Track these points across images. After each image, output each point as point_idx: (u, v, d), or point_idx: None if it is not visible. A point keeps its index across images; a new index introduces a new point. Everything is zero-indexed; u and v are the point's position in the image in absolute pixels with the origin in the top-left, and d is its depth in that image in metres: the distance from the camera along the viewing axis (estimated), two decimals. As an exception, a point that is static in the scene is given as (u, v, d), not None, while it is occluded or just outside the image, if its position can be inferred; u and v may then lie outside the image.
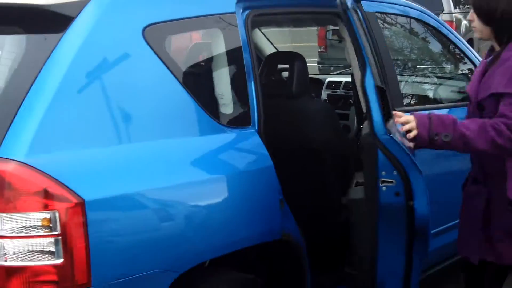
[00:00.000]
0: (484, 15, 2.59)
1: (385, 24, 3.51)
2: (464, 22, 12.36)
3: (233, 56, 2.66)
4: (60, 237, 2.02)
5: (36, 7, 2.28)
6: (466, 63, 3.95)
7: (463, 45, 3.94)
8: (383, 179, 2.60)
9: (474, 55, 4.00)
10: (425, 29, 3.80)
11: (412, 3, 3.77)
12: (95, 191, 2.08)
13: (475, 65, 3.92)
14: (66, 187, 2.03)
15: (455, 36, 3.91)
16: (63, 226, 2.02)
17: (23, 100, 2.10)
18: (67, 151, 2.11)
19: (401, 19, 3.69)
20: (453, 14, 11.58)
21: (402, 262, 2.71)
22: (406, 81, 3.84)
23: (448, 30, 3.87)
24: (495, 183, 2.64)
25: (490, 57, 2.66)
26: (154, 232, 2.21)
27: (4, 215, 2.01)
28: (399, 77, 3.52)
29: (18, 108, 2.09)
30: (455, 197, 2.89)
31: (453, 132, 2.49)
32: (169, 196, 2.27)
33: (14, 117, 2.08)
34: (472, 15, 2.64)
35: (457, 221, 2.88)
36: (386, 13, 3.52)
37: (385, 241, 2.69)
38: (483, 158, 2.67)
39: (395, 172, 2.58)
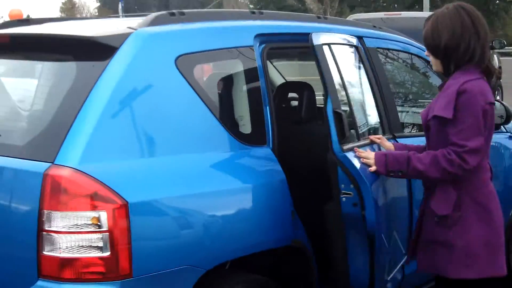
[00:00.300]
0: (432, 49, 2.91)
1: (387, 59, 3.89)
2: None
3: (251, 83, 3.03)
4: (107, 234, 2.36)
5: (86, 38, 2.67)
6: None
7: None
8: (343, 191, 2.94)
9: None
10: (424, 64, 4.18)
11: (411, 40, 4.17)
12: (137, 194, 2.43)
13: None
14: (113, 190, 2.38)
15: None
16: (109, 224, 2.36)
17: (76, 117, 2.47)
18: (113, 161, 2.46)
19: (401, 55, 4.07)
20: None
21: (367, 260, 3.00)
22: (407, 112, 4.20)
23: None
24: (429, 196, 2.95)
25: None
26: (186, 232, 2.56)
27: (59, 213, 2.36)
28: (399, 108, 3.89)
29: (72, 124, 2.45)
30: None
31: (407, 168, 2.84)
32: (199, 202, 2.62)
33: (68, 131, 2.44)
34: (428, 51, 2.98)
35: None
36: (386, 49, 3.90)
37: (352, 244, 3.02)
38: None
39: (351, 185, 2.91)
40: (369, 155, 2.96)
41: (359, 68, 3.56)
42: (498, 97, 14.55)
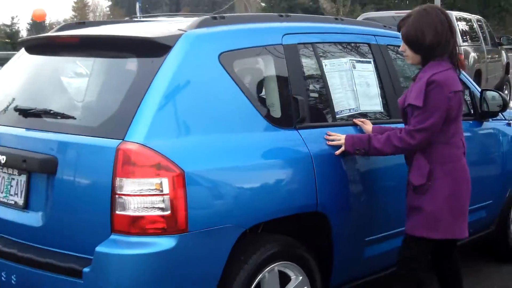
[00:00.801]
0: (415, 46, 3.36)
1: (395, 54, 4.42)
2: (472, 54, 13.18)
3: (280, 75, 3.58)
4: (168, 196, 2.92)
5: (146, 39, 3.23)
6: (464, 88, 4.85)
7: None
8: None
9: (469, 80, 4.91)
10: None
11: None
12: (191, 165, 2.98)
13: (469, 89, 4.84)
14: (172, 161, 2.93)
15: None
16: (170, 189, 2.91)
17: (141, 103, 3.03)
18: (172, 138, 3.02)
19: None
20: (462, 47, 12.38)
21: None
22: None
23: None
24: (408, 169, 3.53)
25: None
26: (230, 196, 3.11)
27: (129, 180, 2.92)
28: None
29: (137, 108, 3.01)
30: None
31: (368, 147, 3.48)
32: (240, 173, 3.18)
33: (135, 114, 3.00)
34: (403, 46, 3.44)
35: None
36: (394, 45, 4.44)
37: None
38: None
39: None
40: (339, 137, 3.57)
41: (363, 62, 4.10)
42: (506, 91, 15.02)
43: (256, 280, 3.23)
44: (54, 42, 3.63)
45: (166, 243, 2.91)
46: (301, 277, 3.46)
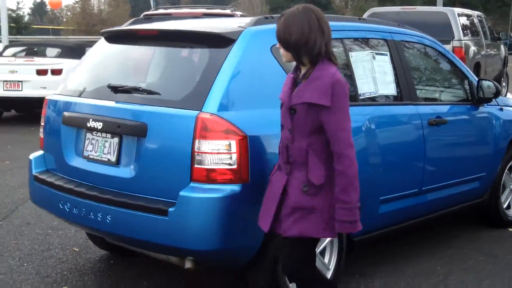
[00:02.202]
0: (284, 44, 3.35)
1: (408, 49, 5.31)
2: (472, 48, 13.97)
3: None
4: (235, 154, 3.81)
5: (217, 33, 4.13)
6: (463, 77, 5.76)
7: (460, 64, 5.76)
8: None
9: (467, 71, 5.81)
10: (436, 53, 5.62)
11: (425, 35, 5.61)
12: (252, 131, 3.87)
13: (468, 79, 5.74)
14: (238, 128, 3.82)
15: (454, 58, 5.75)
16: (236, 148, 3.80)
17: (213, 83, 3.91)
18: (237, 110, 3.91)
19: (418, 46, 5.50)
20: (462, 41, 13.06)
21: None
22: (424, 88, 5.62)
23: (449, 53, 5.71)
24: (295, 170, 3.40)
25: (302, 73, 3.41)
26: (276, 156, 4.00)
27: (205, 141, 3.81)
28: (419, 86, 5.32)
29: (211, 87, 3.90)
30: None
31: (354, 204, 3.33)
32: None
33: (209, 91, 3.89)
34: (279, 44, 3.42)
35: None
36: (407, 41, 5.33)
37: None
38: (292, 150, 3.42)
39: None
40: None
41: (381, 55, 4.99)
42: (504, 83, 15.90)
43: None
44: (136, 34, 4.53)
45: (233, 189, 3.81)
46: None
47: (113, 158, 4.19)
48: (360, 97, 4.69)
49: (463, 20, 13.51)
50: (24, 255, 5.37)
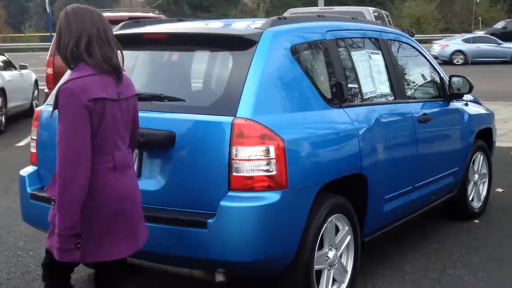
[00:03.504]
0: (57, 50, 3.11)
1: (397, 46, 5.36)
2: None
3: (328, 64, 4.40)
4: (273, 160, 3.68)
5: (236, 35, 3.98)
6: (436, 74, 5.88)
7: (432, 60, 5.89)
8: None
9: (439, 67, 5.95)
10: (413, 50, 5.70)
11: (400, 31, 5.70)
12: (287, 135, 3.75)
13: (440, 75, 5.87)
14: (274, 132, 3.69)
15: (428, 54, 5.87)
16: (275, 154, 3.67)
17: (243, 86, 3.76)
18: (270, 114, 3.77)
19: (398, 44, 5.55)
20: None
21: None
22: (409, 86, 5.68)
23: (423, 50, 5.83)
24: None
25: None
26: (311, 160, 3.91)
27: (242, 147, 3.65)
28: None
29: (242, 91, 3.74)
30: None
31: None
32: (316, 141, 3.98)
33: (240, 96, 3.73)
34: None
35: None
36: (392, 40, 5.37)
37: None
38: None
39: None
40: None
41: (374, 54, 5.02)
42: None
43: (322, 230, 4.04)
44: (145, 38, 4.27)
45: (273, 197, 3.67)
46: (347, 228, 4.31)
47: None
48: (364, 97, 4.68)
49: (377, 19, 13.90)
50: (4, 280, 4.95)
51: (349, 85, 4.56)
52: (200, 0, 59.35)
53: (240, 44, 3.95)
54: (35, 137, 4.38)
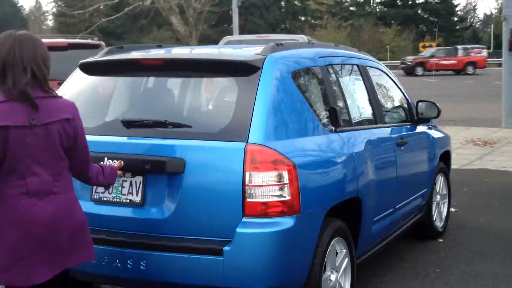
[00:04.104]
0: None
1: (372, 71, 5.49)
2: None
3: (322, 90, 4.45)
4: (287, 185, 3.68)
5: (243, 61, 3.97)
6: (404, 98, 6.05)
7: (400, 85, 6.06)
8: None
9: (405, 92, 6.12)
10: (384, 75, 5.85)
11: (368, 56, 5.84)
12: (298, 159, 3.77)
13: (407, 100, 6.04)
14: (286, 157, 3.71)
15: (396, 80, 6.03)
16: (288, 178, 3.67)
17: (253, 112, 3.75)
18: (280, 139, 3.79)
19: (373, 70, 5.68)
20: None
21: None
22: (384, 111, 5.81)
23: (392, 75, 5.99)
24: None
25: None
26: (320, 184, 3.95)
27: (256, 173, 3.64)
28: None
29: (251, 117, 3.73)
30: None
31: None
32: (321, 166, 4.03)
33: (250, 122, 3.72)
34: None
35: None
36: (367, 66, 5.49)
37: None
38: None
39: None
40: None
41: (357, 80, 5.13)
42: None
43: (326, 253, 4.07)
44: (144, 64, 4.18)
45: (288, 222, 3.67)
46: (344, 250, 4.35)
47: (137, 199, 3.85)
48: (353, 121, 4.76)
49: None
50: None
51: (340, 110, 4.63)
52: (114, 27, 58.82)
53: (244, 70, 3.95)
54: None
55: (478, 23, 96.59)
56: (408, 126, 5.94)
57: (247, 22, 49.80)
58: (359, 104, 4.96)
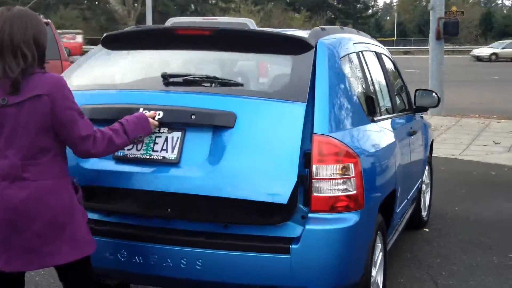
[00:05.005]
0: None
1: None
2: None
3: (361, 77, 4.27)
4: (353, 178, 3.47)
5: (302, 38, 3.73)
6: (404, 87, 5.96)
7: (401, 73, 5.97)
8: None
9: (403, 79, 6.03)
10: (391, 63, 5.73)
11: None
12: (360, 151, 3.58)
13: (407, 88, 5.95)
14: (352, 149, 3.50)
15: (399, 68, 5.94)
16: (354, 172, 3.46)
17: (314, 103, 3.50)
18: (342, 130, 3.57)
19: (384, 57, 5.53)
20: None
21: None
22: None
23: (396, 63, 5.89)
24: None
25: None
26: (376, 177, 3.77)
27: (321, 166, 3.41)
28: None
29: (313, 107, 3.50)
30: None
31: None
32: (376, 157, 3.86)
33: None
34: None
35: None
36: (381, 53, 5.35)
37: None
38: None
39: None
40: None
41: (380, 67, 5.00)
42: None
43: (375, 247, 3.93)
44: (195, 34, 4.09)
45: (354, 218, 3.47)
46: (380, 245, 4.20)
47: (172, 156, 3.49)
48: (381, 110, 4.61)
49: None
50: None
51: (375, 98, 4.47)
52: (17, 4, 56.35)
53: (299, 47, 3.69)
54: None
55: (379, 11, 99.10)
56: (411, 115, 5.85)
57: (157, 3, 48.77)
58: (383, 93, 4.81)
